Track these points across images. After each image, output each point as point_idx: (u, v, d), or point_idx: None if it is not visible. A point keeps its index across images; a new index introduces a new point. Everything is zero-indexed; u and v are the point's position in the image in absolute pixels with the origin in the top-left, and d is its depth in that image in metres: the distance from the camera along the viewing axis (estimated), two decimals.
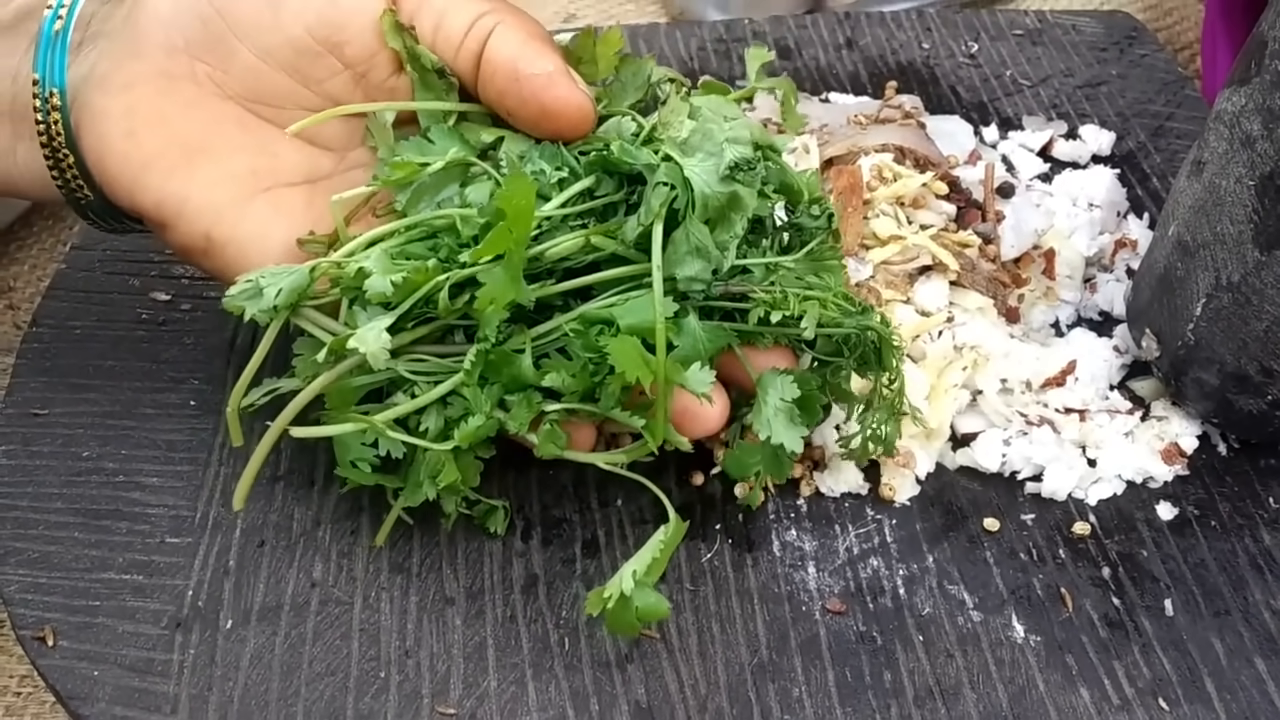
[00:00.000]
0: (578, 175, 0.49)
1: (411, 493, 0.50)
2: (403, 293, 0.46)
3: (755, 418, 0.48)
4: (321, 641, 0.50)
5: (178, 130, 0.50)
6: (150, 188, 0.50)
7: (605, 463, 0.50)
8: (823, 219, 0.50)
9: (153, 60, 0.49)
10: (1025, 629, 0.51)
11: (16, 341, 0.65)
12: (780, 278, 0.49)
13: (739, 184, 0.47)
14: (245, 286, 0.48)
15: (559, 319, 0.48)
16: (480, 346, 0.46)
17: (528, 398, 0.47)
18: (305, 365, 0.50)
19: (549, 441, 0.48)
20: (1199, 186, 0.54)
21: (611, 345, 0.45)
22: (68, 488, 0.55)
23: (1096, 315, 0.65)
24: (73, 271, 0.66)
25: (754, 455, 0.50)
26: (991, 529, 0.55)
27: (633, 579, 0.46)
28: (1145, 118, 0.77)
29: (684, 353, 0.47)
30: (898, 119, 0.69)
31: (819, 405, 0.49)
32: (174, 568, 0.52)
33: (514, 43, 0.49)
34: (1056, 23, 0.85)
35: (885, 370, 0.51)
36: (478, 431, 0.47)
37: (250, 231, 0.50)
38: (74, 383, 0.60)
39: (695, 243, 0.46)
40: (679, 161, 0.46)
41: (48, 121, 0.50)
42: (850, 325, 0.49)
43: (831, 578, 0.53)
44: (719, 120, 0.48)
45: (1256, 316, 0.52)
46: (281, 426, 0.49)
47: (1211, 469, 0.57)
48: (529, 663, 0.49)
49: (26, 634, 0.50)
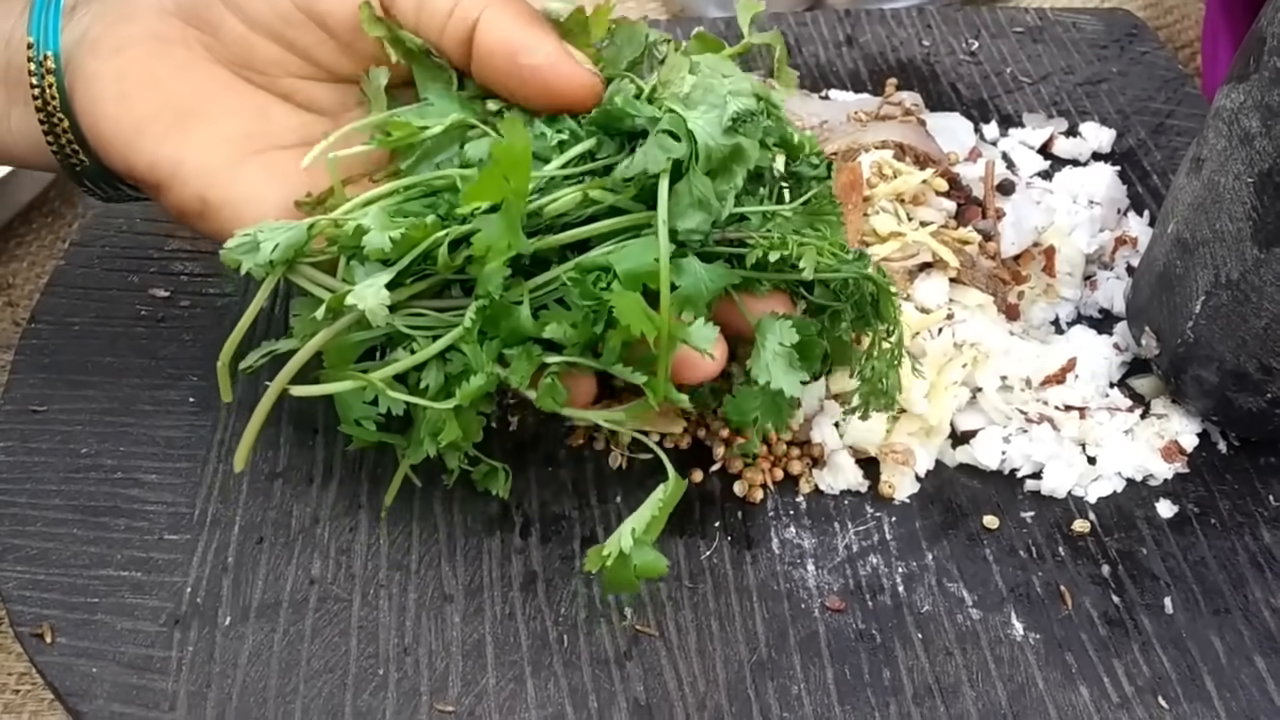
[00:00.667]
0: (579, 137, 0.49)
1: (414, 450, 0.49)
2: (401, 249, 0.46)
3: (754, 363, 0.47)
4: (320, 638, 0.50)
5: (170, 93, 0.50)
6: (144, 151, 0.49)
7: (605, 420, 0.49)
8: (821, 168, 0.50)
9: (145, 24, 0.49)
10: (1024, 627, 0.51)
11: (15, 338, 0.65)
12: (777, 225, 0.48)
13: (742, 135, 0.46)
14: (243, 240, 0.48)
15: (556, 269, 0.47)
16: (480, 303, 0.46)
17: (527, 350, 0.47)
18: (303, 325, 0.49)
19: (548, 396, 0.47)
20: (1198, 184, 0.54)
21: (614, 299, 0.45)
22: (66, 484, 0.55)
23: (1096, 312, 0.65)
24: (71, 268, 0.66)
25: (753, 401, 0.48)
26: (991, 527, 0.55)
27: (631, 536, 0.46)
28: (1145, 115, 0.77)
29: (686, 291, 0.46)
30: (898, 116, 0.69)
31: (819, 351, 0.49)
32: (172, 564, 0.52)
33: (507, 28, 0.48)
34: (1057, 20, 0.85)
35: (884, 320, 0.50)
36: (479, 390, 0.47)
37: (245, 193, 0.50)
38: (72, 379, 0.60)
39: (698, 195, 0.46)
40: (682, 114, 0.46)
41: (42, 85, 0.50)
42: (847, 271, 0.48)
43: (831, 575, 0.53)
44: (718, 76, 0.48)
45: (1256, 314, 0.52)
46: (281, 384, 0.48)
47: (1211, 467, 0.57)
48: (528, 660, 0.49)
49: (25, 631, 0.50)
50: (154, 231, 0.67)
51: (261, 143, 0.51)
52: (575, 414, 0.49)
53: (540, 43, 0.48)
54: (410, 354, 0.47)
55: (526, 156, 0.44)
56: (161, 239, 0.67)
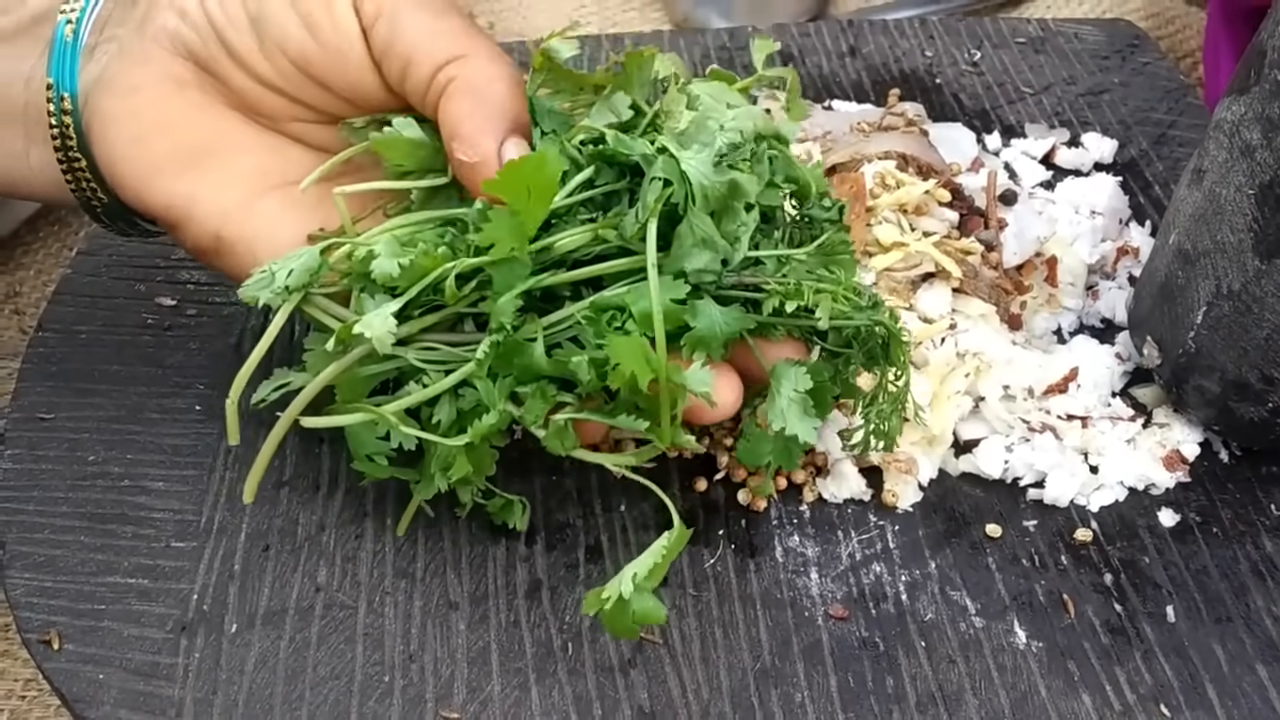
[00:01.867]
0: (579, 165, 0.49)
1: (425, 485, 0.49)
2: (410, 277, 0.46)
3: (769, 408, 0.48)
4: (326, 646, 0.50)
5: (185, 133, 0.50)
6: (159, 190, 0.50)
7: (614, 464, 0.50)
8: (834, 211, 0.50)
9: (160, 65, 0.50)
10: (1027, 635, 0.51)
11: (23, 346, 0.65)
12: (792, 270, 0.48)
13: (736, 171, 0.47)
14: (260, 277, 0.48)
15: (570, 307, 0.47)
16: (494, 338, 0.46)
17: (541, 390, 0.47)
18: (316, 359, 0.49)
19: (557, 439, 0.48)
20: (1199, 195, 0.54)
21: (614, 342, 0.45)
22: (73, 492, 0.55)
23: (1099, 322, 0.65)
24: (78, 277, 0.66)
25: (766, 445, 0.49)
26: (994, 535, 0.55)
27: (632, 582, 0.46)
28: (1147, 125, 0.77)
29: (700, 333, 0.46)
30: (901, 126, 0.70)
31: (830, 396, 0.49)
32: (179, 572, 0.53)
33: (457, 114, 0.48)
34: (1059, 31, 0.85)
35: (892, 365, 0.51)
36: (491, 429, 0.47)
37: (259, 230, 0.50)
38: (80, 387, 0.60)
39: (700, 234, 0.46)
40: (675, 154, 0.46)
41: (60, 125, 0.51)
42: (861, 319, 0.48)
43: (834, 583, 0.53)
44: (719, 108, 0.48)
45: (1257, 325, 0.52)
46: (292, 417, 0.49)
47: (1213, 476, 0.57)
48: (532, 667, 0.50)
49: (32, 637, 0.50)
50: (160, 240, 0.67)
51: (275, 179, 0.51)
52: (584, 456, 0.50)
53: (478, 143, 0.48)
54: (422, 388, 0.47)
55: (555, 180, 0.45)
56: (168, 248, 0.67)
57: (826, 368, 0.50)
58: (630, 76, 0.51)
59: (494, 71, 0.49)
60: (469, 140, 0.48)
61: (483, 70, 0.49)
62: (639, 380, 0.45)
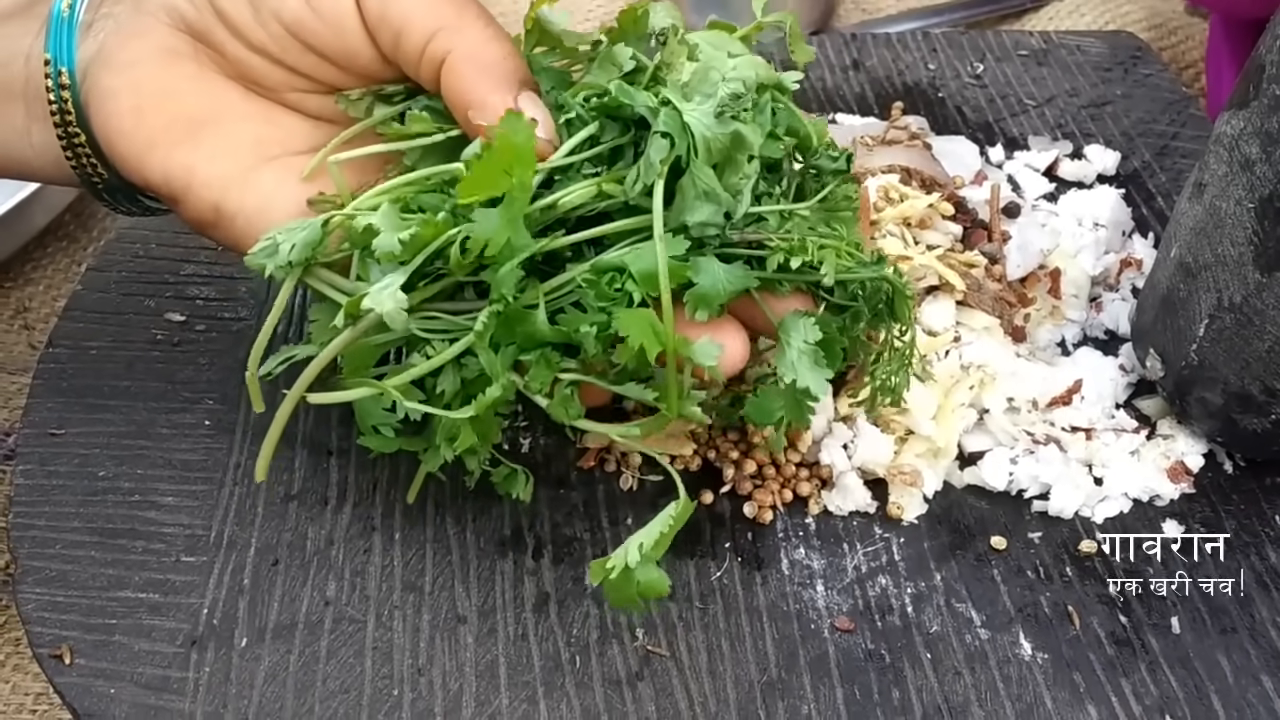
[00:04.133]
0: (583, 120, 0.48)
1: (431, 456, 0.50)
2: (412, 249, 0.46)
3: (779, 361, 0.47)
4: (335, 659, 0.50)
5: (182, 104, 0.50)
6: (157, 162, 0.50)
7: (619, 435, 0.49)
8: (841, 161, 0.50)
9: (156, 38, 0.50)
10: (1033, 647, 0.51)
11: (33, 361, 0.66)
12: (795, 225, 0.48)
13: (739, 122, 0.46)
14: (264, 245, 0.48)
15: (571, 270, 0.47)
16: (494, 308, 0.46)
17: (545, 357, 0.47)
18: (321, 330, 0.50)
19: (563, 407, 0.47)
20: (1200, 209, 0.54)
21: (621, 316, 0.45)
22: (84, 507, 0.56)
23: (1102, 334, 0.66)
24: (88, 292, 0.66)
25: (777, 400, 0.48)
26: (999, 547, 0.55)
27: (638, 551, 0.46)
28: (1150, 137, 0.77)
29: (703, 290, 0.46)
30: (904, 140, 0.70)
31: (839, 348, 0.48)
32: (189, 586, 0.53)
33: (466, 80, 0.49)
34: (1061, 43, 0.86)
35: (898, 321, 0.50)
36: (496, 401, 0.47)
37: (257, 201, 0.50)
38: (90, 403, 0.60)
39: (703, 187, 0.45)
40: (678, 106, 0.46)
41: (59, 101, 0.51)
42: (865, 274, 0.48)
43: (840, 596, 0.53)
44: (721, 57, 0.48)
45: (1258, 337, 0.52)
46: (300, 391, 0.49)
47: (1217, 487, 0.58)
48: (540, 681, 0.50)
49: (44, 652, 0.50)
50: (169, 256, 0.68)
51: (273, 149, 0.51)
52: (590, 427, 0.49)
53: (492, 104, 0.48)
54: (426, 358, 0.47)
55: (530, 149, 0.44)
56: (177, 263, 0.68)
57: (836, 320, 0.49)
58: (626, 31, 0.50)
59: (488, 34, 0.49)
60: (482, 105, 0.48)
61: (477, 36, 0.49)
62: (647, 354, 0.44)
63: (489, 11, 0.51)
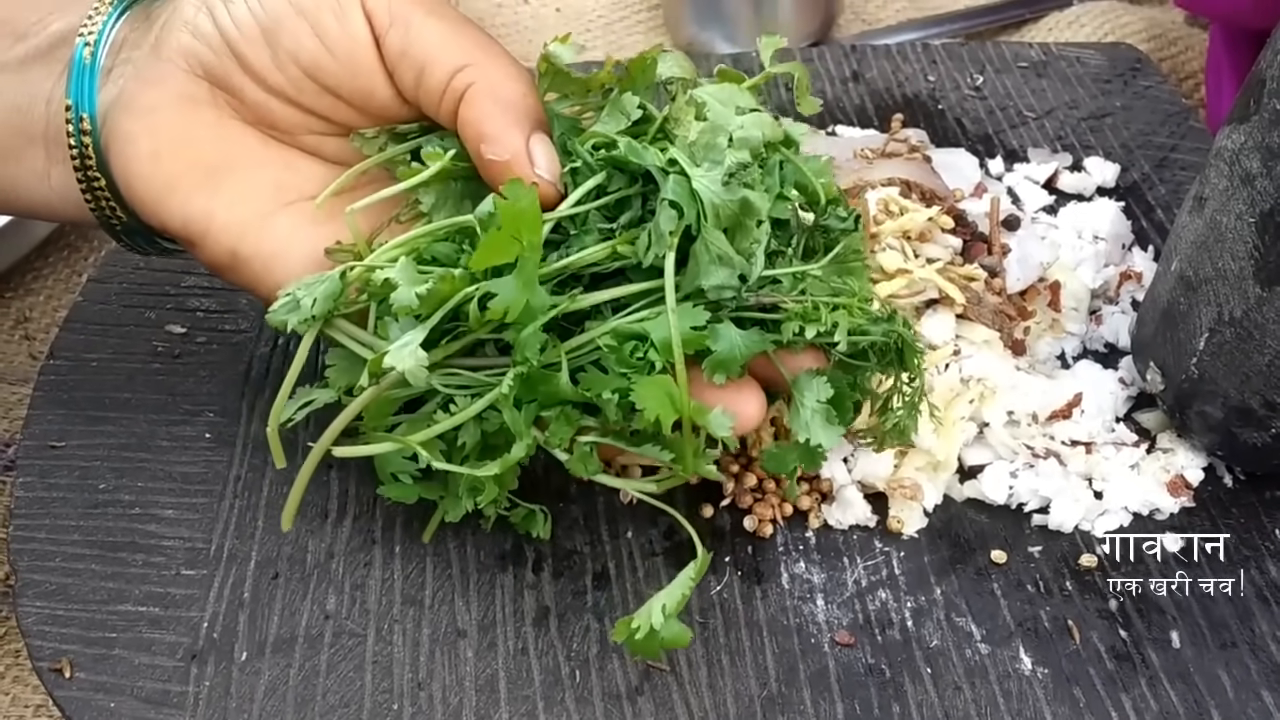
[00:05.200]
0: (591, 169, 0.49)
1: (453, 507, 0.50)
2: (430, 304, 0.47)
3: (793, 420, 0.48)
4: (335, 673, 0.50)
5: (200, 150, 0.51)
6: (175, 208, 0.51)
7: (635, 489, 0.50)
8: (849, 220, 0.51)
9: (175, 85, 0.51)
10: (1033, 661, 0.51)
11: (33, 372, 0.66)
12: (810, 285, 0.49)
13: (745, 189, 0.47)
14: (285, 300, 0.49)
15: (591, 330, 0.48)
16: (518, 370, 0.46)
17: (566, 414, 0.48)
18: (338, 375, 0.50)
19: (582, 463, 0.48)
20: (1200, 223, 0.54)
21: (639, 386, 0.46)
22: (84, 520, 0.56)
23: (1102, 347, 0.66)
24: (89, 304, 0.67)
25: (791, 454, 0.50)
26: (999, 561, 0.55)
27: (662, 613, 0.47)
28: (1149, 149, 0.78)
29: (721, 357, 0.47)
30: (904, 153, 0.70)
31: (851, 403, 0.50)
32: (189, 600, 0.53)
33: (482, 115, 0.49)
34: (1061, 55, 0.86)
35: (907, 371, 0.51)
36: (519, 459, 0.48)
37: (274, 246, 0.51)
38: (90, 415, 0.60)
39: (716, 251, 0.47)
40: (686, 171, 0.47)
41: (80, 145, 0.51)
42: (876, 332, 0.49)
43: (840, 610, 0.53)
44: (728, 114, 0.48)
45: (1259, 351, 0.52)
46: (325, 446, 0.49)
47: (1217, 501, 0.58)
48: (540, 695, 0.50)
49: (44, 666, 0.50)
50: (170, 268, 0.68)
51: (290, 194, 0.52)
52: (609, 482, 0.50)
53: (506, 141, 0.49)
54: (446, 412, 0.48)
55: (535, 213, 0.45)
56: (178, 275, 0.68)
57: (847, 376, 0.50)
58: (635, 80, 0.51)
59: (509, 73, 0.50)
60: (496, 139, 0.49)
61: (498, 73, 0.50)
62: (663, 424, 0.45)
63: (508, 51, 0.52)
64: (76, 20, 0.52)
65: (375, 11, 0.50)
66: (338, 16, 0.50)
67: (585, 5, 1.06)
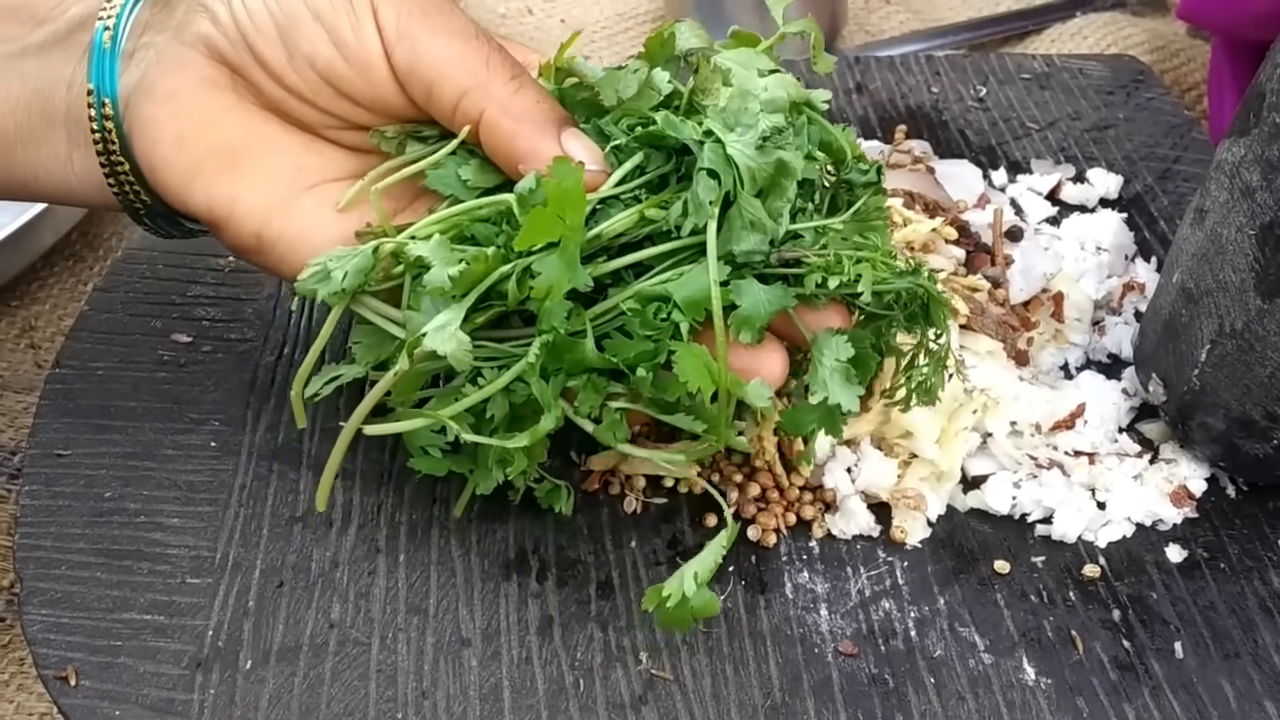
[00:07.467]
0: (630, 150, 0.50)
1: (484, 479, 0.51)
2: (463, 284, 0.47)
3: (811, 378, 0.48)
4: (340, 682, 0.51)
5: (223, 134, 0.51)
6: (199, 191, 0.51)
7: (664, 460, 0.51)
8: (871, 173, 0.51)
9: (197, 69, 0.51)
10: (1036, 671, 0.51)
11: (39, 381, 0.66)
12: (831, 240, 0.49)
13: (779, 150, 0.47)
14: (315, 270, 0.49)
15: (615, 296, 0.48)
16: (544, 339, 0.47)
17: (593, 383, 0.48)
18: (365, 351, 0.51)
19: (611, 431, 0.49)
20: (1201, 235, 0.55)
21: (679, 355, 0.46)
22: (90, 528, 0.56)
23: (1105, 358, 0.66)
24: (95, 313, 0.67)
25: (810, 414, 0.49)
26: (1002, 571, 0.55)
27: (694, 581, 0.47)
28: (1152, 161, 0.78)
29: (745, 313, 0.47)
30: (907, 164, 0.70)
31: (872, 362, 0.50)
32: (194, 608, 0.53)
33: (506, 135, 0.50)
34: (1064, 66, 0.86)
35: (933, 325, 0.51)
36: (548, 430, 0.48)
37: (299, 229, 0.51)
38: (96, 424, 0.61)
39: (750, 217, 0.47)
40: (721, 139, 0.47)
41: (102, 129, 0.52)
42: (901, 284, 0.49)
43: (844, 620, 0.53)
44: (753, 78, 0.49)
45: (1260, 363, 0.52)
46: (356, 424, 0.49)
47: (1220, 511, 0.58)
48: (544, 704, 0.50)
49: (49, 674, 0.50)
50: (176, 277, 0.68)
51: (313, 177, 0.53)
52: (636, 452, 0.50)
53: (541, 152, 0.49)
54: (474, 385, 0.48)
55: (580, 191, 0.45)
56: (184, 284, 0.68)
57: (867, 335, 0.50)
58: (654, 55, 0.51)
59: (514, 85, 0.51)
60: (530, 155, 0.50)
61: (503, 90, 0.50)
62: (703, 394, 0.46)
63: (512, 55, 0.52)
64: (95, 4, 0.52)
65: (385, 26, 0.51)
66: (353, 27, 0.50)
67: (590, 16, 1.07)
